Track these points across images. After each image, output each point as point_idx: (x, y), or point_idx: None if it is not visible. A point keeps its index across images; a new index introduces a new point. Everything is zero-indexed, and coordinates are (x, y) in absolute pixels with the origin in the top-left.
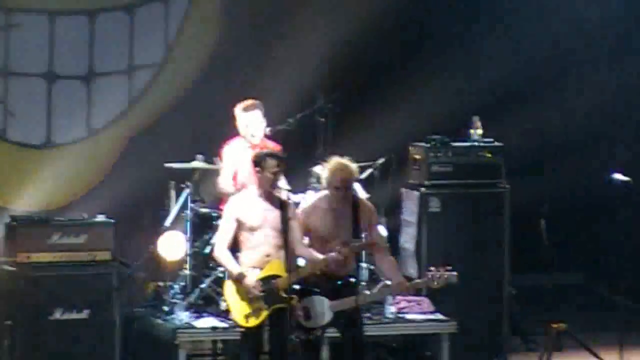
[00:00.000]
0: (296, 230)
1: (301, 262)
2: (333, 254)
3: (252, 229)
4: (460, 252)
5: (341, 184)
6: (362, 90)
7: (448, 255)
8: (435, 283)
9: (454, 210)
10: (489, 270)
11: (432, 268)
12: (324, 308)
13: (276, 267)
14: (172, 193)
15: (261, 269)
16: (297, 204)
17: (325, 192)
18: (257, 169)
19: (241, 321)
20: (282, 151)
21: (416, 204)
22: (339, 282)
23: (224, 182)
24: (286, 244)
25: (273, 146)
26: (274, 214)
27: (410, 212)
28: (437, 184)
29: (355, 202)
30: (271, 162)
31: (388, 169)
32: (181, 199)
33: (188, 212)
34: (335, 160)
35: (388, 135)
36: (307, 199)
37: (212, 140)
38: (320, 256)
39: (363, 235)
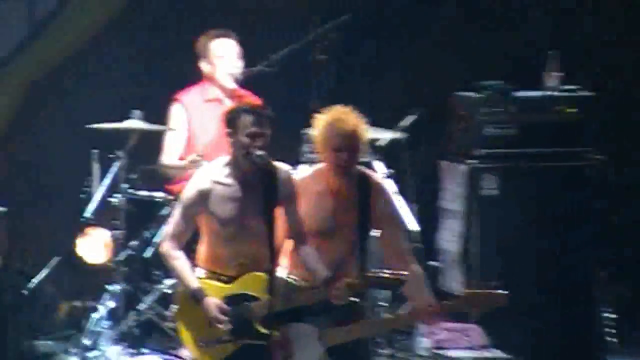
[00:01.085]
0: (296, 221)
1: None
2: (335, 288)
3: (221, 222)
4: (528, 256)
5: (343, 144)
6: (381, 12)
7: (510, 261)
8: (475, 305)
9: (519, 192)
10: (572, 284)
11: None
12: (311, 341)
13: (253, 281)
14: (96, 168)
15: (231, 280)
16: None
17: (319, 165)
18: (229, 130)
19: (197, 357)
20: (264, 105)
21: (462, 184)
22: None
23: (171, 153)
24: (271, 244)
25: (249, 98)
26: (254, 198)
27: (452, 197)
28: (494, 153)
29: (366, 180)
30: (248, 120)
31: (419, 132)
32: (109, 178)
33: (119, 196)
34: (333, 110)
35: (419, 82)
36: (297, 176)
37: (155, 93)
38: (323, 271)
39: (377, 232)
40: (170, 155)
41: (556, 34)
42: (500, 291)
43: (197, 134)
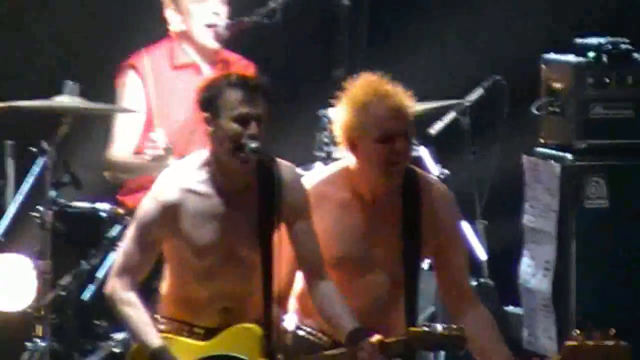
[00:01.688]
0: (310, 243)
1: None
2: (364, 349)
3: (195, 251)
4: None
5: (393, 129)
6: None
7: (624, 303)
8: None
9: None
10: None
11: (576, 333)
12: None
13: (242, 337)
14: (10, 167)
15: (209, 335)
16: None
17: (344, 164)
18: (207, 114)
19: None
20: (260, 75)
21: (556, 191)
22: None
23: (123, 144)
24: (269, 282)
25: (239, 65)
26: (245, 214)
27: (541, 211)
28: (605, 146)
29: (416, 185)
30: (235, 97)
31: (489, 114)
32: (28, 181)
33: (42, 209)
34: (366, 81)
35: (489, 38)
36: (309, 180)
37: (97, 57)
38: (350, 321)
39: (425, 265)
40: (122, 148)
41: None
42: (622, 342)
43: (161, 115)
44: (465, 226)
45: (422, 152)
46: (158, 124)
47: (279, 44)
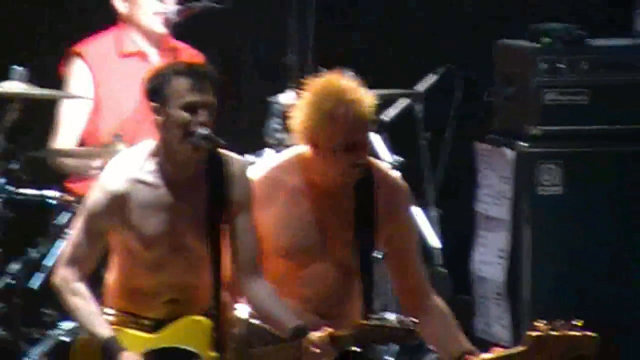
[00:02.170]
0: (247, 240)
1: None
2: (312, 338)
3: (142, 241)
4: (605, 284)
5: (356, 140)
6: None
7: (580, 292)
8: (545, 356)
9: (594, 190)
10: None
11: (539, 323)
12: None
13: (190, 329)
14: None
15: (157, 327)
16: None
17: (297, 151)
18: (155, 104)
19: None
20: (208, 63)
21: (510, 178)
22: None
23: (70, 132)
24: (217, 273)
25: (187, 53)
26: (194, 205)
27: (495, 198)
28: (558, 132)
29: (367, 174)
30: (183, 85)
31: (442, 100)
32: None
33: None
34: (335, 85)
35: (443, 22)
36: (262, 166)
37: (44, 42)
38: (291, 319)
39: (379, 254)
40: (69, 135)
41: None
42: (588, 333)
43: (109, 104)
44: (419, 213)
45: (375, 139)
46: (105, 112)
47: (229, 29)
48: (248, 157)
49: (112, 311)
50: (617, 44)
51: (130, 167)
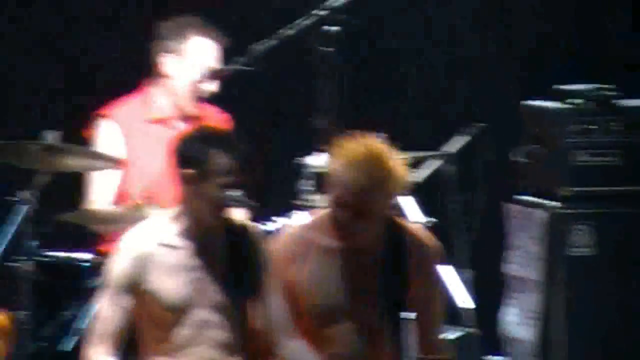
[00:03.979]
0: (274, 302)
1: None
2: None
3: (166, 306)
4: (639, 346)
5: (355, 200)
6: None
7: (611, 354)
8: None
9: (627, 252)
10: None
11: None
12: None
13: None
14: None
15: None
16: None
17: (327, 211)
18: (189, 172)
19: None
20: (238, 131)
21: (541, 239)
22: None
23: (102, 193)
24: (246, 342)
25: (215, 118)
26: (219, 269)
27: (526, 259)
28: (590, 193)
29: (399, 235)
30: (223, 163)
31: (473, 161)
32: (8, 231)
33: (23, 259)
34: (350, 148)
35: (473, 84)
36: (286, 229)
37: (77, 106)
38: None
39: (413, 318)
40: (102, 196)
41: None
42: None
43: (138, 166)
44: (451, 274)
45: (407, 200)
46: (135, 173)
47: (260, 91)
48: (277, 219)
49: None
50: None
51: (154, 230)
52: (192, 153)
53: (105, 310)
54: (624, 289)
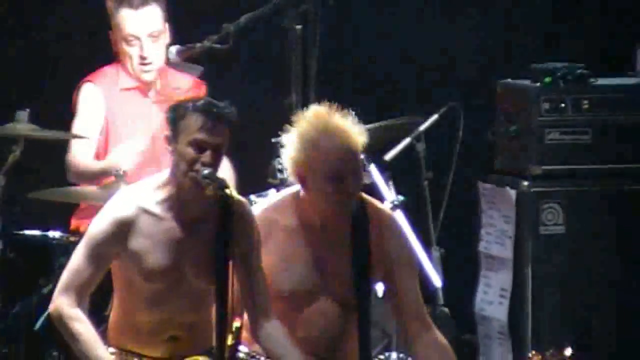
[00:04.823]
0: (259, 280)
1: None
2: None
3: (145, 274)
4: (609, 323)
5: (344, 169)
6: None
7: (583, 331)
8: None
9: (598, 230)
10: None
11: (532, 355)
12: None
13: None
14: None
15: None
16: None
17: (291, 191)
18: (169, 132)
19: None
20: (214, 100)
21: (512, 218)
22: None
23: (84, 148)
24: (223, 311)
25: (193, 89)
26: (200, 240)
27: (497, 238)
28: (561, 172)
29: (363, 214)
30: (196, 122)
31: (444, 140)
32: None
33: None
34: (319, 115)
35: (443, 62)
36: (258, 207)
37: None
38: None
39: (379, 292)
40: (83, 152)
41: None
42: None
43: (115, 131)
44: (421, 253)
45: (377, 177)
46: (115, 137)
47: (232, 69)
48: (252, 198)
49: (114, 350)
50: (619, 83)
51: (138, 196)
52: (174, 114)
53: (79, 264)
54: (592, 267)
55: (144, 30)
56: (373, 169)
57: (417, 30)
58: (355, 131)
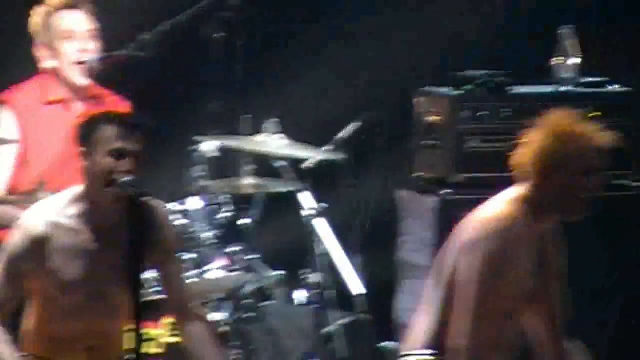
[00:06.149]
0: (177, 284)
1: None
2: None
3: (61, 287)
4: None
5: (593, 166)
6: None
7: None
8: None
9: None
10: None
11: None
12: None
13: None
14: None
15: None
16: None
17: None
18: (83, 149)
19: None
20: (137, 112)
21: (432, 226)
22: None
23: None
24: (137, 320)
25: (111, 99)
26: (115, 251)
27: (417, 245)
28: (480, 180)
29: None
30: (110, 133)
31: (365, 148)
32: None
33: None
34: (566, 115)
35: (365, 72)
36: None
37: None
38: None
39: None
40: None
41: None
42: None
43: (35, 151)
44: (343, 260)
45: (299, 186)
46: (31, 159)
47: (151, 77)
48: (171, 205)
49: (29, 357)
50: (539, 91)
51: (52, 212)
52: (86, 129)
53: None
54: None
55: (82, 26)
56: (294, 176)
57: (340, 39)
58: (601, 132)
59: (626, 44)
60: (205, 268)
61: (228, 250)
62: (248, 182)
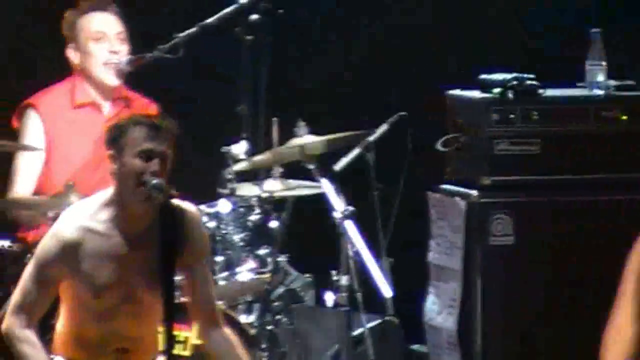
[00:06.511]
0: (205, 290)
1: None
2: None
3: (92, 290)
4: (559, 335)
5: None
6: None
7: (531, 343)
8: None
9: (548, 241)
10: None
11: None
12: None
13: None
14: None
15: None
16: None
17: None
18: (111, 152)
19: None
20: (165, 115)
21: (461, 228)
22: None
23: (25, 182)
24: (169, 324)
25: (140, 102)
26: (146, 255)
27: (447, 248)
28: (510, 183)
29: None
30: (139, 135)
31: (393, 150)
32: None
33: None
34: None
35: (395, 73)
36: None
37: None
38: None
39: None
40: (25, 185)
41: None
42: None
43: (61, 154)
44: (372, 262)
45: (327, 187)
46: (58, 162)
47: (182, 79)
48: (202, 207)
49: (60, 359)
50: (568, 94)
51: (83, 216)
52: (115, 132)
53: (28, 285)
54: (542, 278)
55: (112, 28)
56: (323, 179)
57: (367, 40)
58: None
59: (626, 44)
60: (235, 270)
61: (258, 252)
62: (277, 185)
